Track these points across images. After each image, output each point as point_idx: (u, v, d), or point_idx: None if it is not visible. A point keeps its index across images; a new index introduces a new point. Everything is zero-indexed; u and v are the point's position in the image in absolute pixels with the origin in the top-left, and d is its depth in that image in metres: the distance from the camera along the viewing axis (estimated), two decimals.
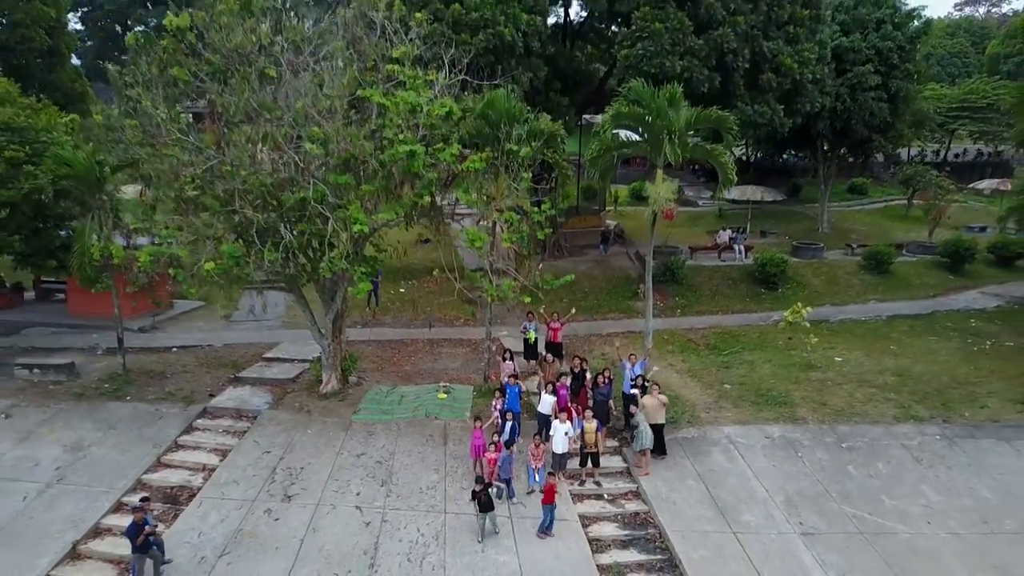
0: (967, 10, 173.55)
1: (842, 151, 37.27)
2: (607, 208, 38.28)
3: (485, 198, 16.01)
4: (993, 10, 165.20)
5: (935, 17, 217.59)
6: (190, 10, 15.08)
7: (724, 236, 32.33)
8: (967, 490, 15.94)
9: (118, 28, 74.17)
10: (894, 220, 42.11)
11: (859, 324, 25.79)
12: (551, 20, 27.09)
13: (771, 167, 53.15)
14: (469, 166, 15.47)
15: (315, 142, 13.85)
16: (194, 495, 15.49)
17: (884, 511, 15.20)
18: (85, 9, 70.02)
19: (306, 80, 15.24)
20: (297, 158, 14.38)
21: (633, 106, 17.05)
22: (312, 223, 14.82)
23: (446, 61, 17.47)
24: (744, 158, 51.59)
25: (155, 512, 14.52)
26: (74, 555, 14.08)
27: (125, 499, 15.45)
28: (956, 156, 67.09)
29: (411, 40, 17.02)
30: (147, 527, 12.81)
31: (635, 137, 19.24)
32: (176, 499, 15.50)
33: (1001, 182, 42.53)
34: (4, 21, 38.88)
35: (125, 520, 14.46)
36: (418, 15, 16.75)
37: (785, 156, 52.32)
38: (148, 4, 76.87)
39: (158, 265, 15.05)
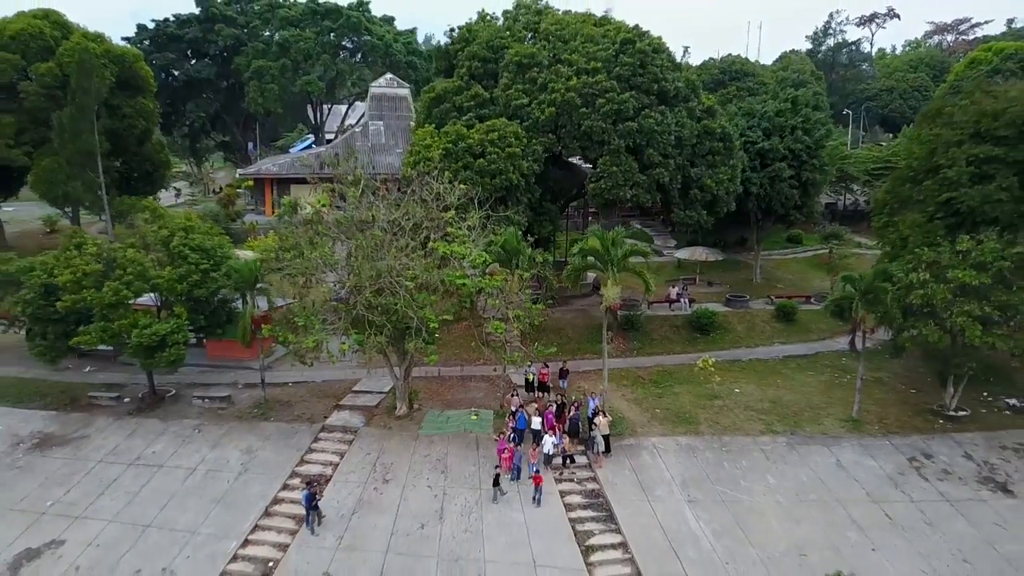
0: (936, 38, 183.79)
1: (770, 223, 47.51)
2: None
3: (503, 301, 26.24)
4: (961, 37, 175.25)
5: (905, 44, 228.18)
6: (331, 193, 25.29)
7: (673, 292, 42.50)
8: (793, 476, 26.16)
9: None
10: (818, 269, 52.23)
11: (761, 363, 35.94)
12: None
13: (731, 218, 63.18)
14: (492, 283, 25.73)
15: (411, 280, 24.04)
16: (329, 479, 25.63)
17: (739, 489, 25.41)
18: None
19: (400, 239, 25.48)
20: (396, 285, 24.56)
21: (593, 241, 27.33)
22: (402, 320, 24.99)
23: (475, 199, 27.76)
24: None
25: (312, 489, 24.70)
26: (267, 514, 24.26)
27: (288, 482, 25.60)
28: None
29: (453, 189, 27.32)
30: (315, 492, 23.09)
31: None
32: (318, 482, 25.61)
33: None
34: (118, 113, 48.91)
35: (292, 494, 24.72)
36: (462, 186, 26.97)
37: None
38: (193, 60, 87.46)
39: (315, 346, 25.22)
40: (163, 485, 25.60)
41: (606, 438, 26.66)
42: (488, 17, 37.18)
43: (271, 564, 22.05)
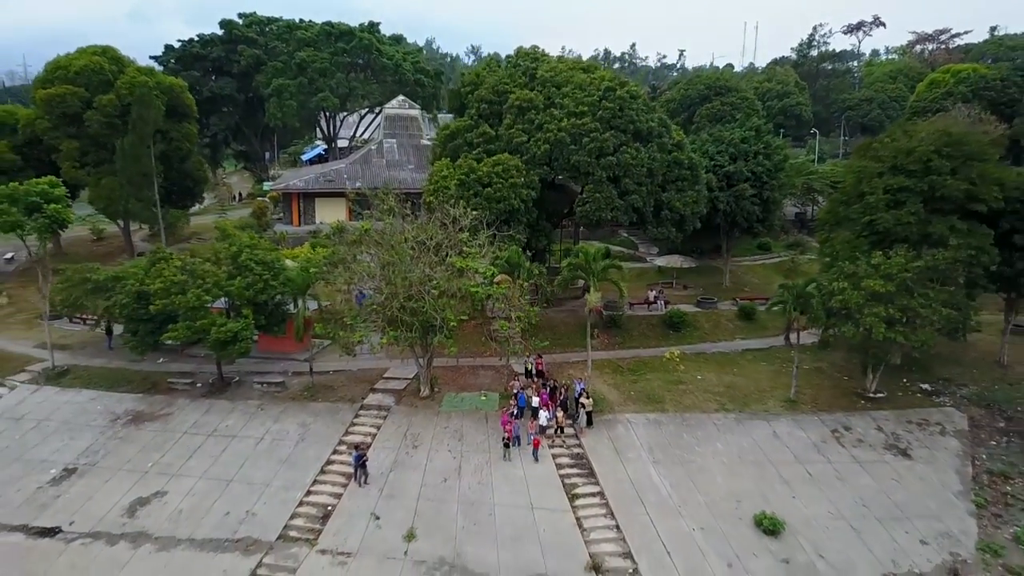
0: (918, 47, 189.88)
1: (736, 234, 54.07)
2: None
3: (507, 305, 32.82)
4: (941, 46, 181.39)
5: (887, 50, 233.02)
6: (372, 219, 31.87)
7: (651, 294, 49.02)
8: (736, 443, 32.75)
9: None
10: (782, 273, 58.76)
11: (722, 355, 42.50)
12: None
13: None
14: (498, 290, 32.31)
15: (435, 288, 30.62)
16: (369, 446, 32.20)
17: (693, 453, 31.98)
18: None
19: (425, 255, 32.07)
20: (423, 292, 31.12)
21: (578, 258, 33.90)
22: (427, 319, 31.56)
23: (484, 221, 34.34)
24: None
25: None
26: (322, 472, 30.84)
27: (337, 448, 32.15)
28: None
29: (466, 214, 33.89)
30: (363, 454, 29.72)
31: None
32: (365, 447, 32.13)
33: None
34: (167, 138, 55.32)
35: (341, 457, 31.31)
36: (473, 212, 33.52)
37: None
38: (214, 78, 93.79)
39: (353, 336, 31.81)
40: (238, 450, 32.23)
41: (589, 414, 33.28)
42: (493, 61, 43.61)
43: (329, 508, 28.68)
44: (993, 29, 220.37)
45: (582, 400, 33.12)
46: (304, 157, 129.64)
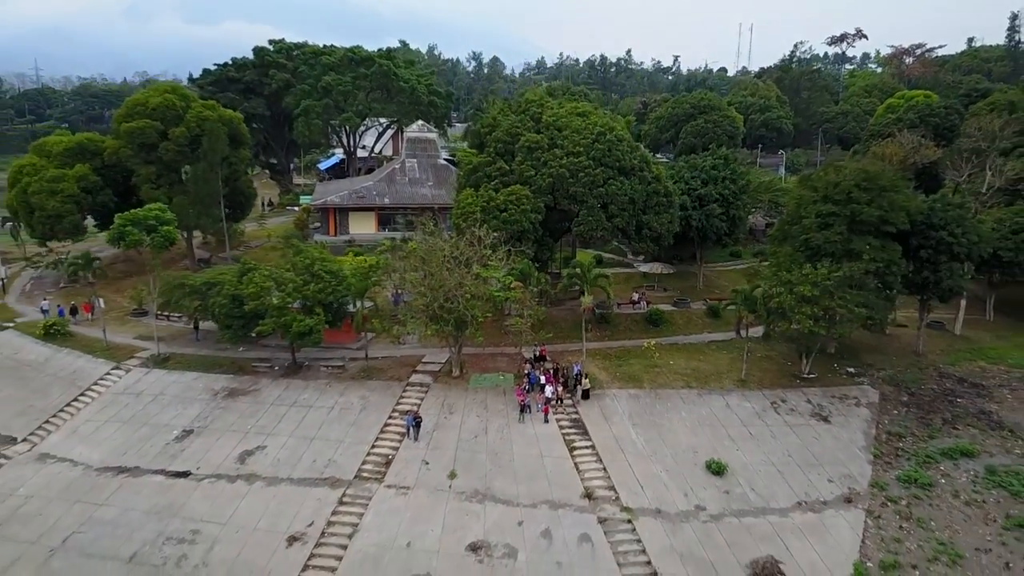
0: (895, 60, 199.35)
1: (708, 245, 63.66)
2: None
3: (520, 306, 42.36)
4: (916, 60, 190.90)
5: (869, 59, 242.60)
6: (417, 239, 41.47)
7: (635, 296, 58.54)
8: (696, 412, 42.34)
9: None
10: (747, 278, 68.18)
11: (692, 345, 52.04)
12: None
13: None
14: (514, 294, 41.91)
15: (468, 293, 40.18)
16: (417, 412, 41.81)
17: (663, 418, 41.62)
18: None
19: (460, 268, 41.63)
20: (458, 296, 40.66)
21: (574, 267, 43.47)
22: (460, 317, 41.13)
23: (501, 238, 43.94)
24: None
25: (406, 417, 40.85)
26: (382, 432, 40.42)
27: (391, 415, 41.69)
28: None
29: (488, 234, 43.45)
30: (417, 417, 39.35)
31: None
32: (415, 414, 41.59)
33: None
34: (228, 162, 64.66)
35: (395, 422, 40.86)
36: (494, 233, 43.04)
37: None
38: (247, 99, 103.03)
39: (405, 329, 41.44)
40: (315, 417, 41.81)
41: (586, 391, 42.89)
42: (507, 106, 53.31)
43: (390, 457, 38.28)
44: (970, 40, 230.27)
45: (582, 380, 42.77)
46: (321, 166, 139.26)
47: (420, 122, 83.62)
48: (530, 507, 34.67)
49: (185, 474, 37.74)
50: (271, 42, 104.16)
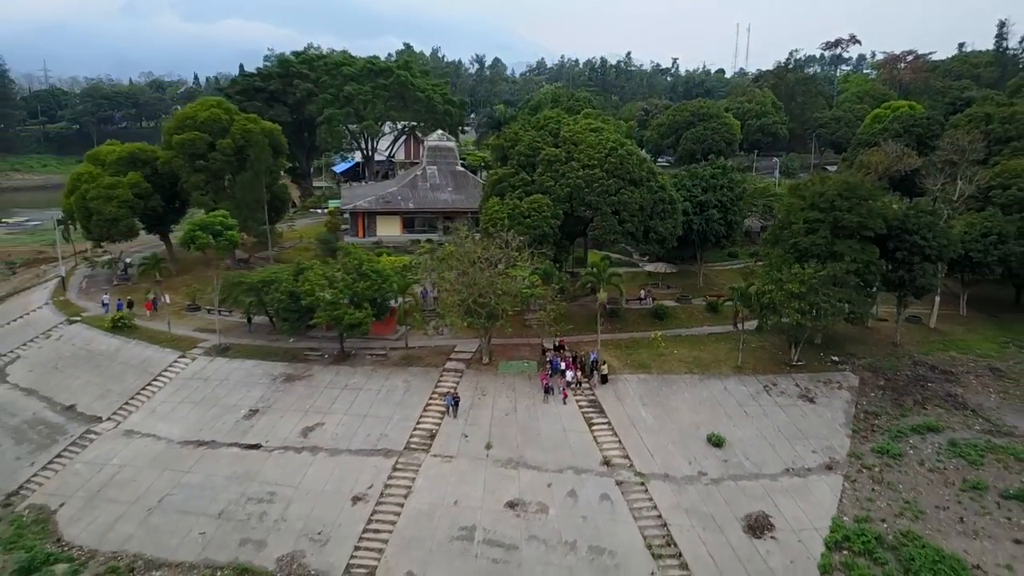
0: (888, 67, 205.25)
1: (707, 246, 69.45)
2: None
3: (544, 301, 48.13)
4: (908, 66, 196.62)
5: (863, 62, 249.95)
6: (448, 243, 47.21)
7: (642, 293, 64.26)
8: (698, 394, 48.10)
9: None
10: (743, 276, 74.00)
11: (693, 337, 57.75)
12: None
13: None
14: (538, 291, 47.70)
15: (500, 290, 45.91)
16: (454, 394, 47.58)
17: (669, 399, 47.39)
18: None
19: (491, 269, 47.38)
20: (489, 292, 46.39)
21: (591, 268, 49.21)
22: (492, 310, 46.87)
23: (525, 242, 49.72)
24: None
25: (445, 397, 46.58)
26: (424, 411, 46.22)
27: (432, 396, 47.35)
28: None
29: (515, 238, 49.22)
30: (456, 396, 45.12)
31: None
32: (455, 395, 47.25)
33: None
34: (270, 171, 70.35)
35: (435, 402, 46.59)
36: (520, 237, 48.79)
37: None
38: (272, 107, 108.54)
39: (444, 321, 47.23)
40: (365, 398, 47.54)
41: (604, 375, 48.64)
42: (527, 123, 59.04)
43: (433, 431, 44.02)
44: (961, 46, 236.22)
45: (598, 366, 48.59)
46: (337, 169, 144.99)
47: (440, 131, 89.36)
48: (557, 472, 40.46)
49: (256, 446, 43.48)
50: (294, 54, 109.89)
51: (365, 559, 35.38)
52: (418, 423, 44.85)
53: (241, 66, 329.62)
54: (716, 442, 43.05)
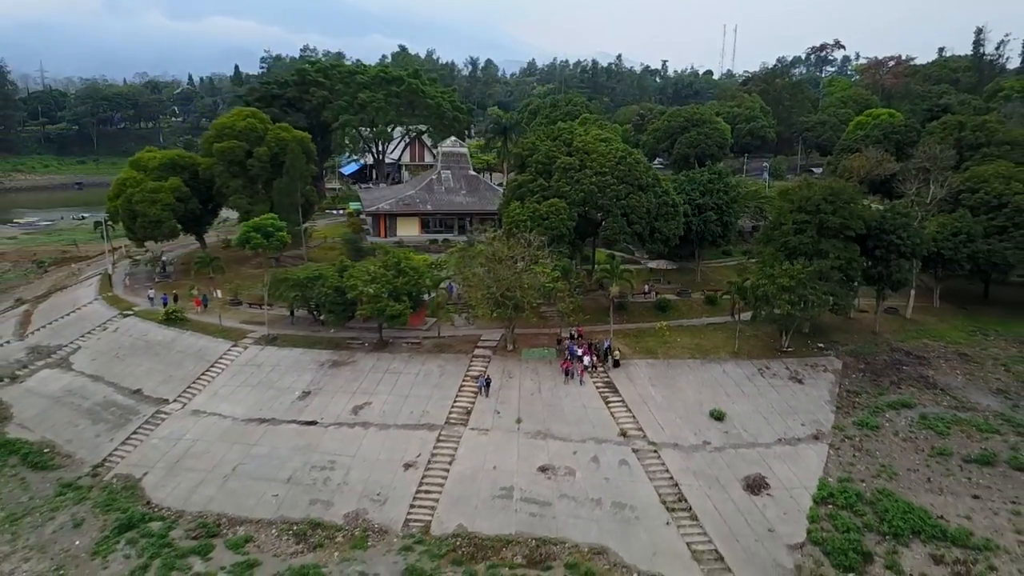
0: (871, 71, 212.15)
1: (705, 245, 75.44)
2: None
3: (564, 294, 53.96)
4: (888, 72, 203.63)
5: (848, 64, 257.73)
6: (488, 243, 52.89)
7: (646, 287, 70.15)
8: (700, 376, 53.99)
9: None
10: (737, 273, 79.99)
11: (694, 327, 63.56)
12: None
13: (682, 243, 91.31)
14: (558, 286, 53.55)
15: (525, 284, 51.64)
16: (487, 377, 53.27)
17: (675, 380, 53.23)
18: None
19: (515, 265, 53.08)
20: (515, 287, 52.12)
21: (603, 264, 54.98)
22: (517, 302, 52.62)
23: (544, 242, 55.52)
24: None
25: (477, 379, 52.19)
26: (459, 391, 51.85)
27: (465, 378, 52.99)
28: None
29: (536, 238, 54.97)
30: (488, 377, 50.90)
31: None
32: (487, 377, 52.88)
33: None
34: (302, 177, 75.70)
35: (468, 383, 52.34)
36: (542, 238, 54.53)
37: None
38: (288, 113, 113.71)
39: (474, 312, 52.99)
40: (405, 380, 53.14)
41: (617, 360, 54.49)
42: (544, 132, 64.91)
43: (469, 408, 49.69)
44: (941, 50, 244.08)
45: (613, 351, 54.45)
46: (343, 171, 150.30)
47: (453, 138, 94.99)
48: (580, 442, 46.26)
49: (313, 423, 48.98)
50: (309, 63, 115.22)
51: (420, 515, 41.02)
52: (455, 401, 50.47)
53: (236, 67, 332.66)
54: (717, 416, 48.95)
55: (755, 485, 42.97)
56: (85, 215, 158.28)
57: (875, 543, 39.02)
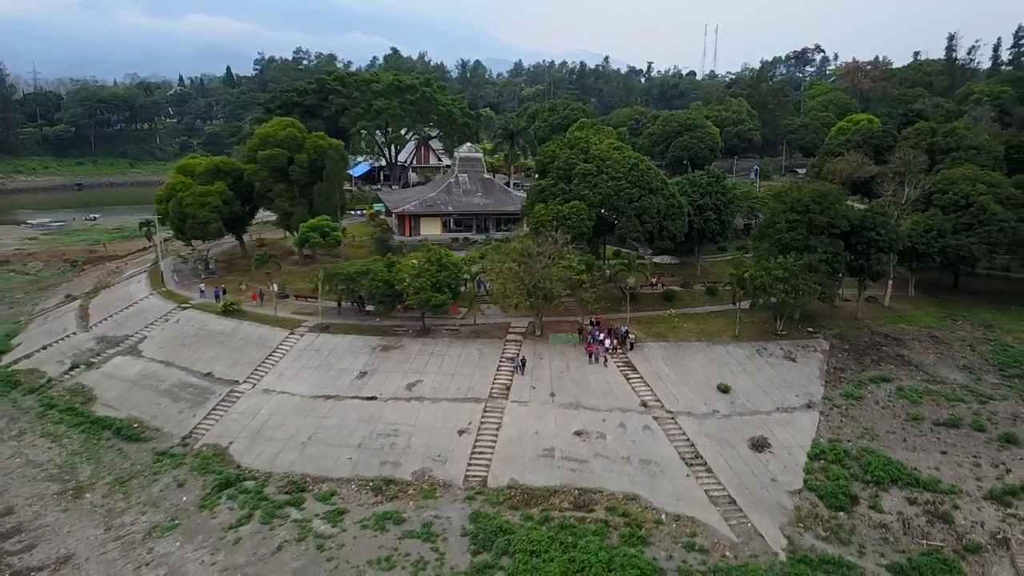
0: (850, 75, 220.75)
1: (704, 242, 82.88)
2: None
3: (587, 285, 61.06)
4: (866, 76, 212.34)
5: (819, 74, 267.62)
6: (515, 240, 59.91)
7: (653, 279, 77.47)
8: (706, 356, 61.28)
9: None
10: (733, 267, 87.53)
11: (698, 314, 70.78)
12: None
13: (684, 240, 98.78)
14: (581, 279, 60.67)
15: (554, 277, 58.74)
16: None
17: (684, 360, 60.52)
18: None
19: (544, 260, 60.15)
20: (544, 280, 59.21)
21: (615, 259, 62.18)
22: (547, 293, 59.72)
23: (568, 240, 62.68)
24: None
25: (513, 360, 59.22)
26: (498, 370, 58.82)
27: (502, 359, 59.96)
28: None
29: (560, 236, 62.08)
30: (523, 358, 57.98)
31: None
32: (522, 358, 59.88)
33: None
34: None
35: (504, 364, 59.46)
36: (566, 236, 61.63)
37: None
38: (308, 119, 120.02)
39: (510, 300, 60.09)
40: (449, 361, 60.03)
41: (632, 343, 61.76)
42: (564, 141, 72.35)
43: (508, 384, 56.62)
44: (916, 54, 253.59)
45: (630, 336, 61.70)
46: (352, 173, 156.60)
47: (469, 144, 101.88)
48: (607, 411, 53.44)
49: (373, 398, 55.75)
50: (327, 72, 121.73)
51: (476, 472, 48.01)
52: (495, 379, 57.44)
53: (228, 68, 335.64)
54: (723, 389, 56.33)
55: (759, 445, 50.34)
56: (96, 215, 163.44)
57: (860, 489, 46.55)
